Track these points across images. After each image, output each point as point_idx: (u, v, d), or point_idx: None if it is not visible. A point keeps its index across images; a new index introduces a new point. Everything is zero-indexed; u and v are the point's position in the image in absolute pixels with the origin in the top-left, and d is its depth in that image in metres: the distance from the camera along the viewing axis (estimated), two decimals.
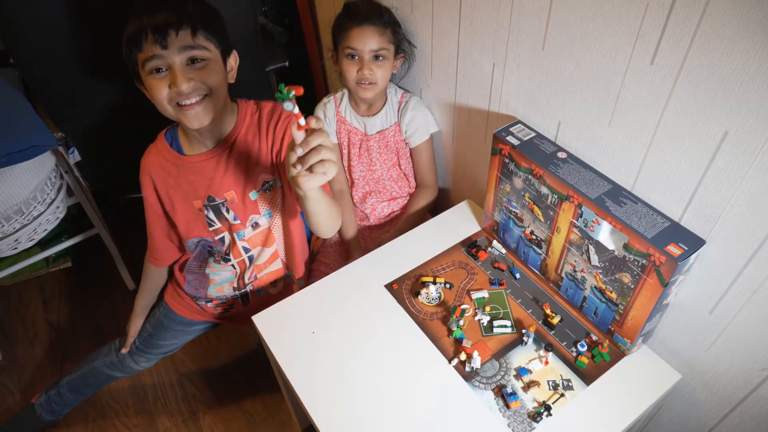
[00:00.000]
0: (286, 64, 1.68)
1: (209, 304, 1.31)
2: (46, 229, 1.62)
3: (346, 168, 1.46)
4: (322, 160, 0.77)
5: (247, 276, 1.26)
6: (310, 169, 0.78)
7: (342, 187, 1.47)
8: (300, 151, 0.76)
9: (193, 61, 0.97)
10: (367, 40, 1.22)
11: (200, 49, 0.97)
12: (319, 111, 1.42)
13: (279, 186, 1.15)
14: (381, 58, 1.24)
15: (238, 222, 1.16)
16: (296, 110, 0.74)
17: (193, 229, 1.18)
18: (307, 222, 1.00)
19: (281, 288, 1.32)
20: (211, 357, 1.70)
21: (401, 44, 1.30)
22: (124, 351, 1.36)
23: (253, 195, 1.13)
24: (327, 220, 0.99)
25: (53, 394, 1.40)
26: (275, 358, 1.04)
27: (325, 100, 1.42)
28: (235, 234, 1.18)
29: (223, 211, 1.14)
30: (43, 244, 1.80)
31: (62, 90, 1.26)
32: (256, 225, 1.17)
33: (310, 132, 0.76)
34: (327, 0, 1.67)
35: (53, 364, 1.70)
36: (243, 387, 1.61)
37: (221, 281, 1.27)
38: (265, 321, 1.11)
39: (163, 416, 1.55)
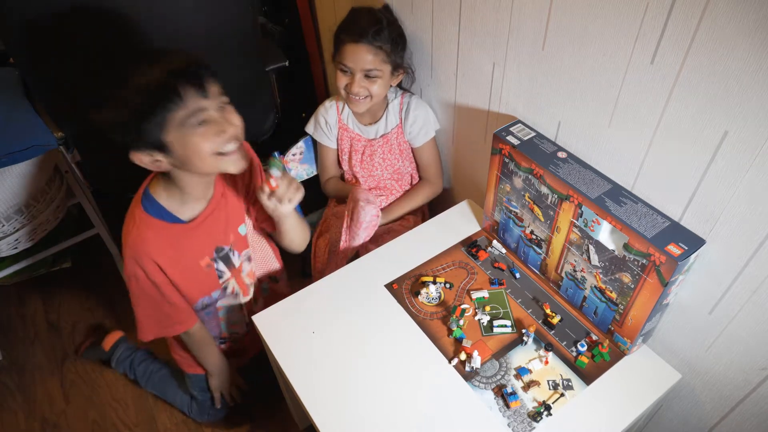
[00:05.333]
0: (286, 64, 1.68)
1: (222, 345, 1.34)
2: (46, 229, 1.62)
3: (347, 170, 1.46)
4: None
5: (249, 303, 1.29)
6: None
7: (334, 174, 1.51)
8: (286, 205, 1.01)
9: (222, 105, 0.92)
10: (359, 60, 1.20)
11: (223, 94, 0.92)
12: (319, 116, 1.40)
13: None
14: (373, 76, 1.23)
15: (240, 260, 1.18)
16: (276, 174, 0.98)
17: (203, 287, 1.15)
18: (281, 241, 1.18)
19: (262, 304, 1.33)
20: None
21: (401, 62, 1.28)
22: (218, 406, 1.42)
23: (242, 229, 1.15)
24: (299, 235, 1.17)
25: (133, 359, 1.55)
26: (275, 358, 1.04)
27: (327, 104, 1.40)
28: (240, 273, 1.20)
29: (231, 256, 1.16)
30: (43, 244, 1.79)
31: (62, 90, 1.25)
32: (249, 259, 1.20)
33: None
34: (327, 0, 1.67)
35: (53, 364, 1.69)
36: (243, 387, 1.60)
37: (234, 321, 1.30)
38: (265, 321, 1.10)
39: (163, 416, 1.55)
